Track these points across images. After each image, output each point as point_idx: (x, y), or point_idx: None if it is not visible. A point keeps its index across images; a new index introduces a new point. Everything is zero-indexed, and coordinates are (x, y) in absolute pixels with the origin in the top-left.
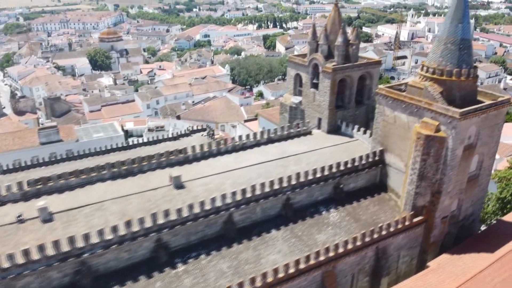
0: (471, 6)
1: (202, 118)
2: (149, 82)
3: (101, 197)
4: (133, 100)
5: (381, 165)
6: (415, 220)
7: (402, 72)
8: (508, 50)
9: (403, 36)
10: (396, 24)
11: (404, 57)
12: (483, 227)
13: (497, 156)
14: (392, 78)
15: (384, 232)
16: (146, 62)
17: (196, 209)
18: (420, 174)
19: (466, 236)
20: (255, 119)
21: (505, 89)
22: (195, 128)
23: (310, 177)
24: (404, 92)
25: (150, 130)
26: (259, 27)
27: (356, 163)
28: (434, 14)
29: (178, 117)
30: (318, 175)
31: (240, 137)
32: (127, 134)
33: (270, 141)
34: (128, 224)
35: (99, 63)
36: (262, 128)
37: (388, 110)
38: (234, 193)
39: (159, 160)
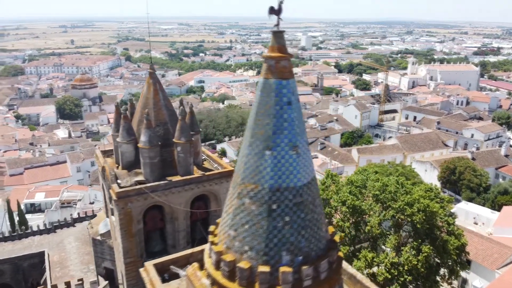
0: (480, 52)
1: None
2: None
3: None
4: (65, 161)
5: None
6: None
7: (389, 129)
8: None
9: (403, 85)
10: (391, 71)
11: (394, 111)
12: None
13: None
14: (377, 136)
15: None
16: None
17: None
18: None
19: None
20: None
21: (506, 156)
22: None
23: None
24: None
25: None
26: (259, 73)
27: None
28: (440, 61)
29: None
30: None
31: None
32: (34, 209)
33: None
34: None
35: (67, 111)
36: None
37: None
38: None
39: None
